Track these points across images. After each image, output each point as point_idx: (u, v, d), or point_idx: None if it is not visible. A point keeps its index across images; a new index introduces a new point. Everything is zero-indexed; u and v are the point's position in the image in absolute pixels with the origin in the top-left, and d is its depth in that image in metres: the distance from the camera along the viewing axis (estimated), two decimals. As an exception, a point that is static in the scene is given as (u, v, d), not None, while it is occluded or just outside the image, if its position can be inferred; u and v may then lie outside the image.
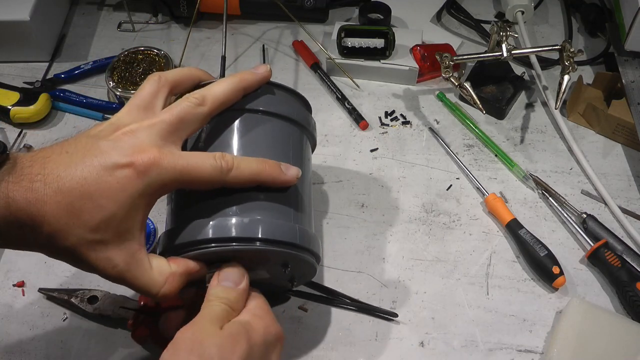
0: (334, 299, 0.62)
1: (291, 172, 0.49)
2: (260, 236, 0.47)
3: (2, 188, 0.40)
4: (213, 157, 0.45)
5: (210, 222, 0.47)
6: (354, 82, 0.81)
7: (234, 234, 0.46)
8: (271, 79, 0.53)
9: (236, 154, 0.49)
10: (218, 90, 0.48)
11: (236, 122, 0.50)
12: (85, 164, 0.41)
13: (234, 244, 0.46)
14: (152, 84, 0.47)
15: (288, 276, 0.53)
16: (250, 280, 0.48)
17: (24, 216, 0.40)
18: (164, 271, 0.45)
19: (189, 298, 0.53)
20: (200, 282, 0.49)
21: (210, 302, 0.45)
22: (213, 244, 0.46)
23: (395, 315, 0.61)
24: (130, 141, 0.43)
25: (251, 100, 0.51)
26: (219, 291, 0.46)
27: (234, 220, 0.47)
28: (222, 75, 0.59)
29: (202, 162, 0.45)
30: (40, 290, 0.62)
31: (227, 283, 0.46)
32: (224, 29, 0.61)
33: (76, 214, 0.40)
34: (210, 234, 0.46)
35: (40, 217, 0.40)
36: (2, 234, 0.41)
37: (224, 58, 0.59)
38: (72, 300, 0.60)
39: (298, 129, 0.54)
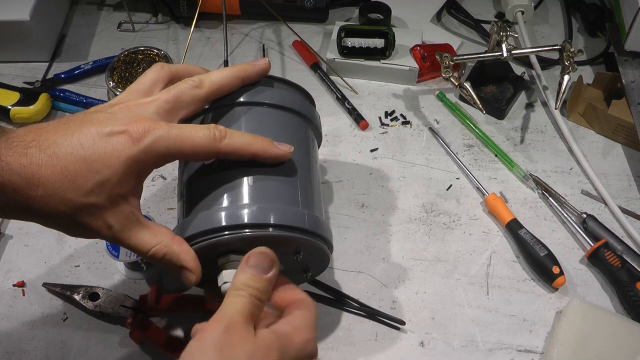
0: (341, 301, 0.62)
1: (284, 146, 0.49)
2: (272, 222, 0.46)
3: None
4: (207, 128, 0.46)
5: (220, 211, 0.47)
6: (349, 86, 0.81)
7: (245, 220, 0.46)
8: (273, 75, 0.54)
9: None
10: (216, 76, 0.49)
11: (241, 115, 0.51)
12: (82, 131, 0.42)
13: (247, 230, 0.46)
14: (154, 72, 0.49)
15: (302, 266, 0.53)
16: None
17: (17, 179, 0.40)
18: (160, 233, 0.46)
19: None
20: (210, 282, 0.48)
21: (239, 292, 0.42)
22: (226, 232, 0.46)
23: (403, 323, 0.60)
24: (127, 114, 0.44)
25: (256, 93, 0.51)
26: (248, 279, 0.43)
27: (245, 208, 0.47)
28: None
29: (195, 131, 0.45)
30: (44, 284, 0.62)
31: (256, 270, 0.43)
32: (225, 34, 0.61)
33: (71, 177, 0.41)
34: (220, 222, 0.46)
35: (35, 180, 0.40)
36: None
37: (226, 62, 0.60)
38: (74, 296, 0.60)
39: (303, 121, 0.55)
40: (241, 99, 0.51)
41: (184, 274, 0.47)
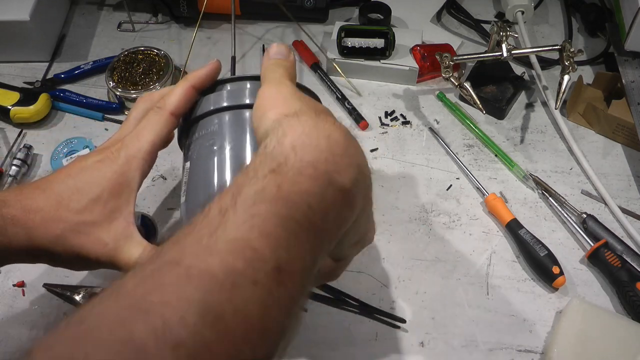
0: (341, 301, 0.61)
1: (206, 66, 0.50)
2: None
3: None
4: (152, 110, 0.49)
5: None
6: (353, 88, 0.81)
7: None
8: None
9: (230, 146, 0.49)
10: (171, 96, 0.50)
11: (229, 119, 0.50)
12: (69, 166, 0.47)
13: None
14: (137, 110, 0.51)
15: None
16: None
17: (16, 211, 0.44)
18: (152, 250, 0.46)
19: None
20: None
21: (272, 64, 0.46)
22: None
23: (403, 321, 0.60)
24: (103, 146, 0.49)
25: (238, 95, 0.51)
26: (274, 62, 0.46)
27: None
28: (232, 74, 0.60)
29: (148, 119, 0.48)
30: (44, 284, 0.62)
31: (279, 56, 0.47)
32: (233, 30, 0.61)
33: (65, 202, 0.45)
34: None
35: (32, 208, 0.44)
36: None
37: (233, 58, 0.59)
38: (74, 296, 0.60)
39: None
40: (224, 104, 0.50)
41: None
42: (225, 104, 0.49)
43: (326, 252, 0.38)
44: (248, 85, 0.50)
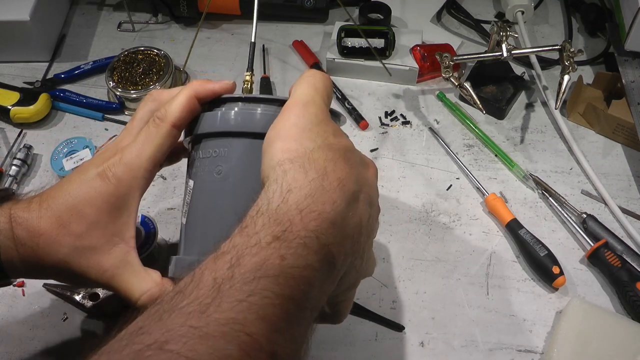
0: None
1: (221, 82, 0.47)
2: None
3: (5, 207, 0.45)
4: (150, 120, 0.46)
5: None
6: (389, 68, 0.81)
7: None
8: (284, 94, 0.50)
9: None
10: (172, 106, 0.47)
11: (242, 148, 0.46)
12: (71, 179, 0.46)
13: None
14: (142, 110, 0.49)
15: None
16: None
17: (22, 233, 0.43)
18: (152, 279, 0.45)
19: None
20: None
21: (308, 78, 0.43)
22: None
23: (402, 328, 0.60)
24: (104, 154, 0.47)
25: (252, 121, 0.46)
26: (315, 73, 0.44)
27: None
28: (251, 61, 0.55)
29: (148, 131, 0.46)
30: (44, 284, 0.62)
31: (317, 80, 0.44)
32: (255, 12, 0.58)
33: (65, 225, 0.44)
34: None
35: (36, 232, 0.44)
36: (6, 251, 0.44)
37: (253, 44, 0.56)
38: (74, 296, 0.60)
39: None
40: (240, 129, 0.46)
41: None
42: (241, 130, 0.45)
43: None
44: (272, 112, 0.45)
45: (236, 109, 0.46)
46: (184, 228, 0.48)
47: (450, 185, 0.72)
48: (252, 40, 0.57)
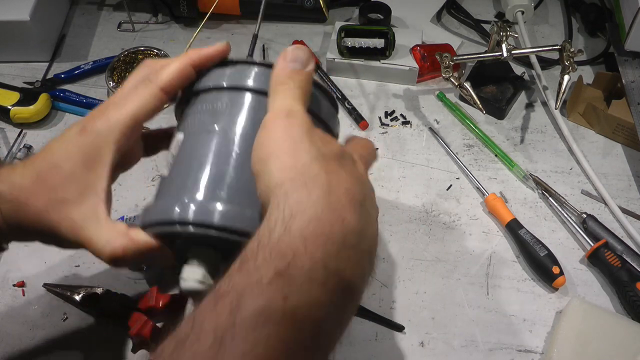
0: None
1: (215, 45, 0.46)
2: (216, 223, 0.41)
3: None
4: (142, 82, 0.46)
5: (173, 202, 0.42)
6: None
7: (190, 217, 0.41)
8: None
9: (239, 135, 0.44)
10: (168, 69, 0.46)
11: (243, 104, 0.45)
12: (55, 139, 0.46)
13: (213, 231, 0.41)
14: (136, 75, 0.47)
15: None
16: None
17: (5, 188, 0.44)
18: (117, 230, 0.43)
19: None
20: (172, 267, 0.46)
21: (283, 85, 0.41)
22: (177, 226, 0.41)
23: (402, 328, 0.60)
24: (90, 113, 0.46)
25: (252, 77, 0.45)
26: (289, 73, 0.41)
27: (218, 205, 0.41)
28: (251, 54, 0.55)
29: (136, 90, 0.45)
30: (44, 284, 0.62)
31: (296, 64, 0.41)
32: (262, 8, 0.59)
33: (43, 179, 0.44)
34: (167, 215, 0.42)
35: (17, 187, 0.44)
36: None
37: (255, 36, 0.56)
38: (74, 296, 0.60)
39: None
40: (245, 84, 0.45)
41: (153, 256, 0.44)
42: (246, 85, 0.45)
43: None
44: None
45: (235, 66, 0.46)
46: (164, 180, 0.45)
47: (450, 185, 0.72)
48: (256, 32, 0.57)
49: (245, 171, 0.41)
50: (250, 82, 0.45)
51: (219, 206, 0.41)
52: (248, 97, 0.45)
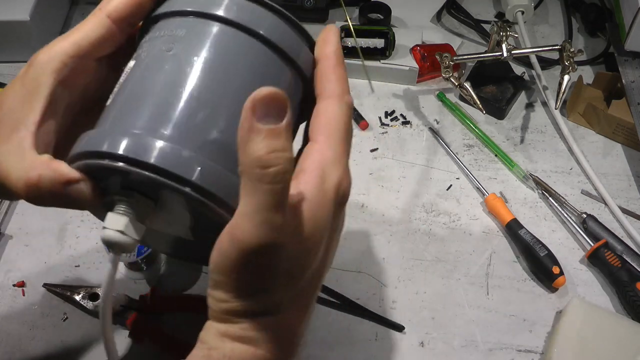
0: (339, 304, 0.62)
1: None
2: (153, 162, 0.34)
3: None
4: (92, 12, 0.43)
5: (106, 133, 0.36)
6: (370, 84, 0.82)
7: (152, 160, 0.34)
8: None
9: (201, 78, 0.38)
10: None
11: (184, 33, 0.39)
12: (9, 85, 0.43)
13: (143, 171, 0.34)
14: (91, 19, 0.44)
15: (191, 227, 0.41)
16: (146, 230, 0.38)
17: None
18: (41, 162, 0.39)
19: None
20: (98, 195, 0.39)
21: (253, 188, 0.31)
22: (105, 160, 0.35)
23: (402, 328, 0.60)
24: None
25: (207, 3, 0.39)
26: (264, 146, 0.30)
27: (157, 141, 0.34)
28: None
29: (84, 20, 0.42)
30: (44, 284, 0.62)
31: (269, 121, 0.30)
32: None
33: None
34: (97, 145, 0.36)
35: None
36: None
37: None
38: (74, 296, 0.60)
39: (276, 58, 0.40)
40: (214, 11, 0.38)
41: (72, 189, 0.38)
42: (215, 12, 0.38)
43: None
44: (258, 12, 0.39)
45: None
46: (106, 109, 0.40)
47: (450, 185, 0.72)
48: None
49: (200, 107, 0.36)
50: (221, 11, 0.38)
51: (158, 143, 0.34)
52: (215, 26, 0.38)
